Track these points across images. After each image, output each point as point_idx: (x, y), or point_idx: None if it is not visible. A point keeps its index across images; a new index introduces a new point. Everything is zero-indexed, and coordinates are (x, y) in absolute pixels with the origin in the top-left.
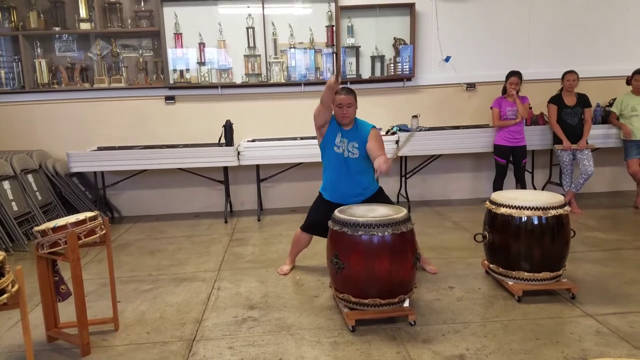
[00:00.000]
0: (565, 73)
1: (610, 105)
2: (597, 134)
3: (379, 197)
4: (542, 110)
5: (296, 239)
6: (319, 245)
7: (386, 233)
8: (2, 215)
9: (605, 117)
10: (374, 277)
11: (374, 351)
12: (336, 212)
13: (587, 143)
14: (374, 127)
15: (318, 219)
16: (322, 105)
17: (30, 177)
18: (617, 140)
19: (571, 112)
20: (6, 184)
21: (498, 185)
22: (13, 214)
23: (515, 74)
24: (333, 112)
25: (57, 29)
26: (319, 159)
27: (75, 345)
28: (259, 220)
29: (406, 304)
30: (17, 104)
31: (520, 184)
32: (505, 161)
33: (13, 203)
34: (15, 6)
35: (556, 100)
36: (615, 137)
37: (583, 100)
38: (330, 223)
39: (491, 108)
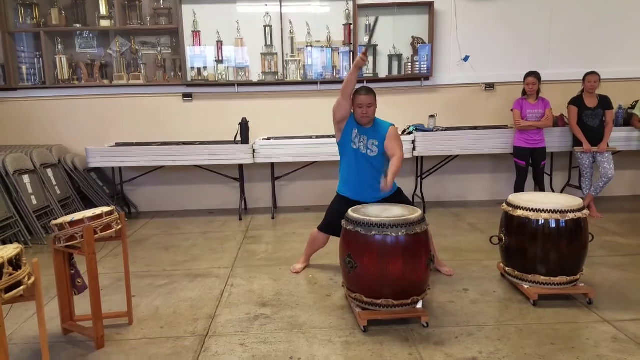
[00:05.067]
0: (587, 74)
1: (633, 107)
2: (619, 137)
3: (399, 197)
4: (562, 111)
5: (313, 238)
6: (333, 244)
7: (400, 233)
8: (21, 209)
9: (627, 119)
10: (387, 277)
11: (386, 352)
12: (350, 212)
13: (607, 146)
14: (392, 125)
15: (336, 219)
16: (342, 96)
17: (49, 172)
18: (639, 144)
19: (592, 114)
20: (26, 178)
21: (519, 188)
22: (32, 208)
23: (532, 74)
24: (352, 111)
25: (77, 25)
26: (334, 158)
27: (89, 338)
28: (273, 218)
29: (419, 305)
30: (37, 99)
31: (539, 187)
32: (525, 163)
33: (32, 197)
34: (37, 3)
35: (577, 101)
36: (637, 140)
37: (604, 102)
38: (343, 222)
39: (512, 110)
